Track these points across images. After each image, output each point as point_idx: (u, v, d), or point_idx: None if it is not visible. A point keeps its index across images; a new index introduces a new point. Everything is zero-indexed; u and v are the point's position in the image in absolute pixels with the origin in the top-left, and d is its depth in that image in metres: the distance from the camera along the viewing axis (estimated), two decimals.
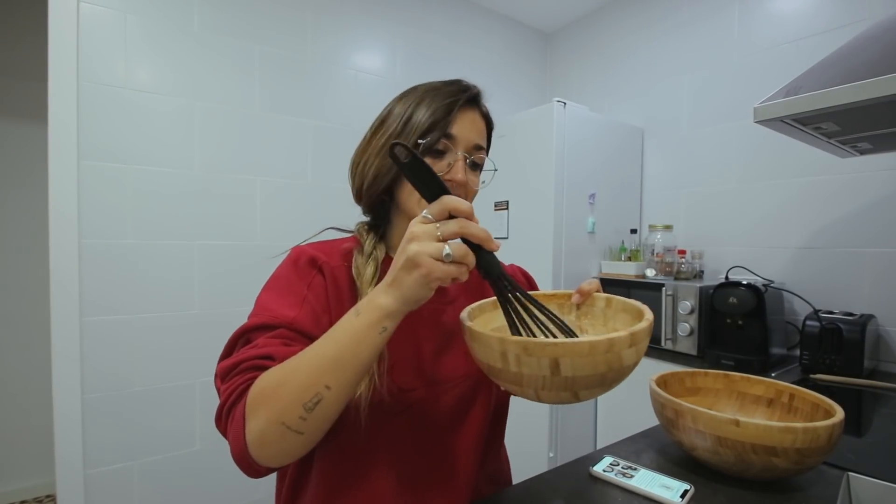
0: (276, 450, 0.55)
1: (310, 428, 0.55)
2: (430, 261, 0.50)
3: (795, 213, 1.93)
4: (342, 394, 0.55)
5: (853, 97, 1.02)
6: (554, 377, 0.52)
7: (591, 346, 0.51)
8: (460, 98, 0.76)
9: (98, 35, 1.71)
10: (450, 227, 0.52)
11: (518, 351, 0.52)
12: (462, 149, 0.75)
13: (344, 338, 0.54)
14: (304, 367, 0.54)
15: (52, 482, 1.76)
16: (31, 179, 2.47)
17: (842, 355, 1.54)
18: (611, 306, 0.72)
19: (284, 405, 0.53)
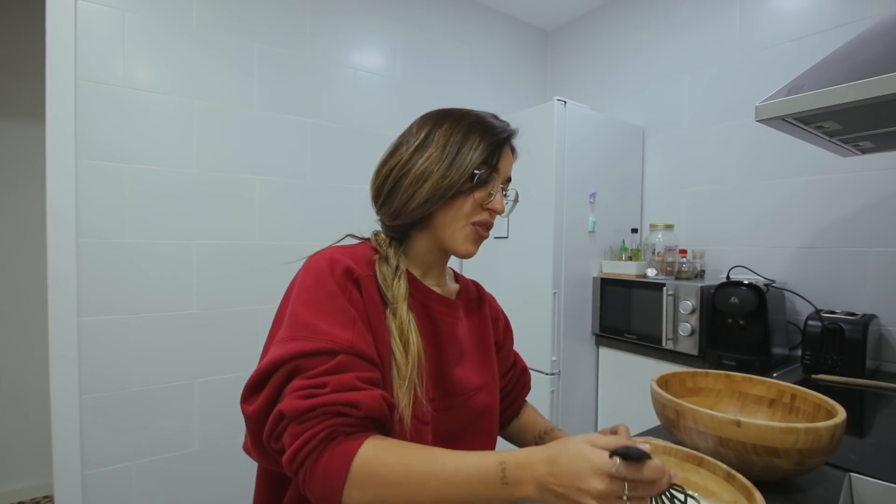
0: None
1: None
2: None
3: (797, 212, 1.92)
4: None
5: (855, 96, 1.01)
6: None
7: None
8: (507, 138, 0.83)
9: (96, 33, 1.70)
10: (640, 492, 0.50)
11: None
12: (501, 182, 0.83)
13: (480, 491, 0.55)
14: (429, 490, 0.55)
15: (49, 483, 1.75)
16: (28, 179, 2.46)
17: (844, 355, 1.54)
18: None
19: (388, 498, 0.56)
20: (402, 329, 0.71)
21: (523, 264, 2.23)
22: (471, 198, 0.79)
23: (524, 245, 2.27)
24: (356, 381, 0.61)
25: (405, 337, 0.70)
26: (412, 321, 0.73)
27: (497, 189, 0.81)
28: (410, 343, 0.70)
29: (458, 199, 0.78)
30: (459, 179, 0.77)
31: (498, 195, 0.81)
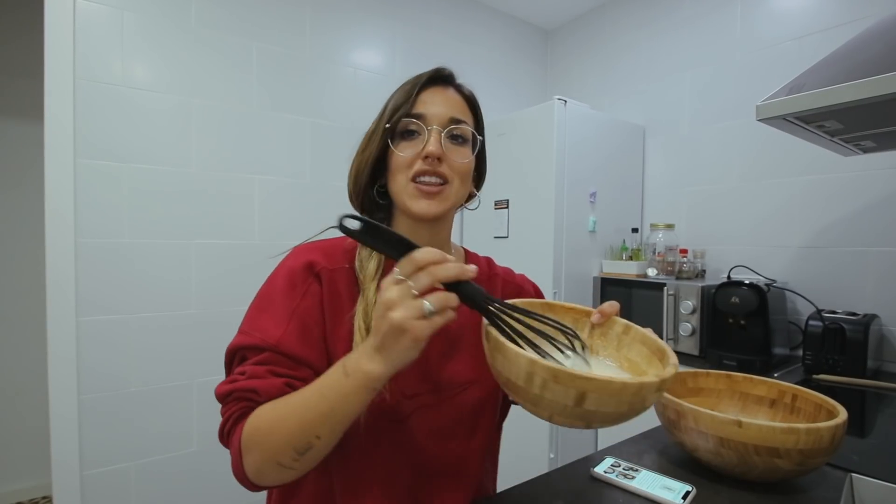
0: (272, 479, 0.62)
1: (303, 465, 0.60)
2: (415, 323, 0.50)
3: (798, 211, 1.92)
4: (332, 440, 0.59)
5: (856, 95, 1.02)
6: (576, 408, 0.51)
7: (623, 387, 0.50)
8: (422, 78, 0.77)
9: (94, 32, 1.70)
10: (422, 280, 0.51)
11: (547, 377, 0.51)
12: (436, 124, 0.74)
13: (333, 395, 0.56)
14: (294, 417, 0.58)
15: (48, 483, 1.75)
16: (27, 178, 2.46)
17: (845, 355, 1.54)
18: (628, 334, 0.70)
19: (277, 449, 0.58)
20: (367, 312, 0.68)
21: (523, 264, 2.21)
22: (399, 152, 0.75)
23: (524, 245, 2.27)
24: (265, 372, 0.64)
25: (368, 320, 0.67)
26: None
27: (430, 132, 0.73)
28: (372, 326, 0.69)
29: (392, 159, 0.75)
30: (379, 138, 0.75)
31: (430, 137, 0.73)
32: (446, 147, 0.74)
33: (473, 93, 0.84)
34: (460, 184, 0.77)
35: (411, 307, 0.50)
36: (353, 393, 0.55)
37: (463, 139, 0.77)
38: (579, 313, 0.73)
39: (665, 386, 0.54)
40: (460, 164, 0.75)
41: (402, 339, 0.51)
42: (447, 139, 0.75)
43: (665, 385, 0.54)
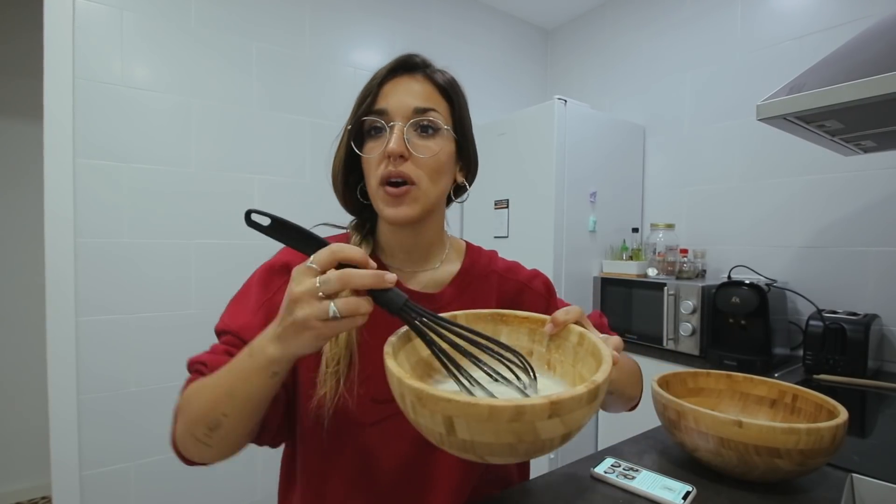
0: (193, 453, 0.62)
1: (216, 444, 0.60)
2: (318, 324, 0.49)
3: (799, 211, 1.92)
4: (240, 422, 0.58)
5: (857, 95, 1.01)
6: (451, 437, 0.44)
7: (492, 412, 0.41)
8: (383, 70, 0.73)
9: (94, 31, 1.70)
10: (332, 285, 0.49)
11: (413, 399, 0.45)
12: (399, 118, 0.69)
13: (236, 374, 0.56)
14: (207, 391, 0.59)
15: (47, 484, 1.75)
16: (26, 178, 2.46)
17: (845, 355, 1.54)
18: (582, 345, 0.59)
19: (192, 420, 0.59)
20: None
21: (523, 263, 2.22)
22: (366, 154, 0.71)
23: (524, 244, 2.27)
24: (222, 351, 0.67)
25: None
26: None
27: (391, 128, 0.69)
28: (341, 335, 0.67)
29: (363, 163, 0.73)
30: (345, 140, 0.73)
31: (392, 134, 0.68)
32: (413, 142, 0.69)
33: (454, 79, 0.77)
34: (430, 181, 0.71)
35: (316, 308, 0.48)
36: (253, 373, 0.55)
37: (433, 129, 0.71)
38: (535, 323, 0.65)
39: (563, 410, 0.43)
40: (427, 160, 0.70)
41: (303, 335, 0.50)
42: (413, 132, 0.70)
43: (563, 409, 0.43)
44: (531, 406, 0.41)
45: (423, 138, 0.70)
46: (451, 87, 0.76)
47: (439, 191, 0.74)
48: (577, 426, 0.46)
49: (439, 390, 0.43)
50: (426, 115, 0.70)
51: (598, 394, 0.46)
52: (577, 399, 0.43)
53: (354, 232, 0.79)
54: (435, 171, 0.71)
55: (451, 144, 0.74)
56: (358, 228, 0.80)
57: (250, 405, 0.57)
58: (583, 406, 0.44)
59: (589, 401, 0.45)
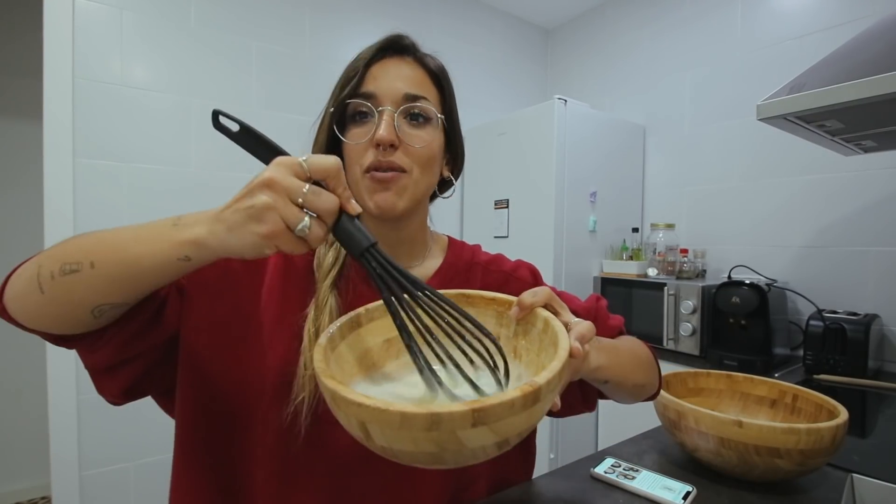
0: (18, 288, 0.50)
1: (51, 293, 0.47)
2: (281, 228, 0.42)
3: (799, 211, 1.92)
4: (100, 284, 0.46)
5: (857, 94, 1.02)
6: (370, 441, 0.39)
7: (404, 419, 0.36)
8: (371, 49, 0.67)
9: (94, 31, 1.70)
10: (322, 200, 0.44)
11: (329, 398, 0.40)
12: (389, 103, 0.64)
13: (144, 234, 0.46)
14: (95, 235, 0.49)
15: (47, 484, 1.75)
16: (26, 177, 2.46)
17: (846, 355, 1.54)
18: (546, 333, 0.52)
19: (52, 254, 0.48)
20: (317, 315, 0.61)
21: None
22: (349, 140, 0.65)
23: (524, 244, 2.27)
24: None
25: (318, 322, 0.60)
26: (329, 305, 0.61)
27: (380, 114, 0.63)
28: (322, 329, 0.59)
29: (345, 149, 0.67)
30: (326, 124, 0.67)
31: (381, 120, 0.63)
32: (402, 131, 0.64)
33: (443, 65, 0.72)
34: (421, 172, 0.66)
35: (289, 210, 0.42)
36: (165, 243, 0.45)
37: (424, 118, 0.66)
38: (503, 305, 0.58)
39: (490, 418, 0.36)
40: (419, 150, 0.65)
41: (253, 227, 0.42)
42: (403, 120, 0.65)
43: (489, 416, 0.36)
44: (448, 414, 0.35)
45: (414, 127, 0.66)
46: (442, 73, 0.71)
47: (428, 183, 0.69)
48: (515, 433, 0.40)
49: (352, 392, 0.38)
50: (418, 102, 0.65)
51: (540, 398, 0.39)
52: (508, 405, 0.37)
53: None
54: (426, 161, 0.67)
55: (440, 135, 0.69)
56: None
57: (127, 272, 0.46)
58: (517, 412, 0.38)
59: (525, 406, 0.38)
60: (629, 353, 0.72)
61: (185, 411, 0.64)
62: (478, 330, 0.48)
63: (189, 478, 0.64)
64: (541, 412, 0.42)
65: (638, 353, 0.76)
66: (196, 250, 0.45)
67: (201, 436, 0.63)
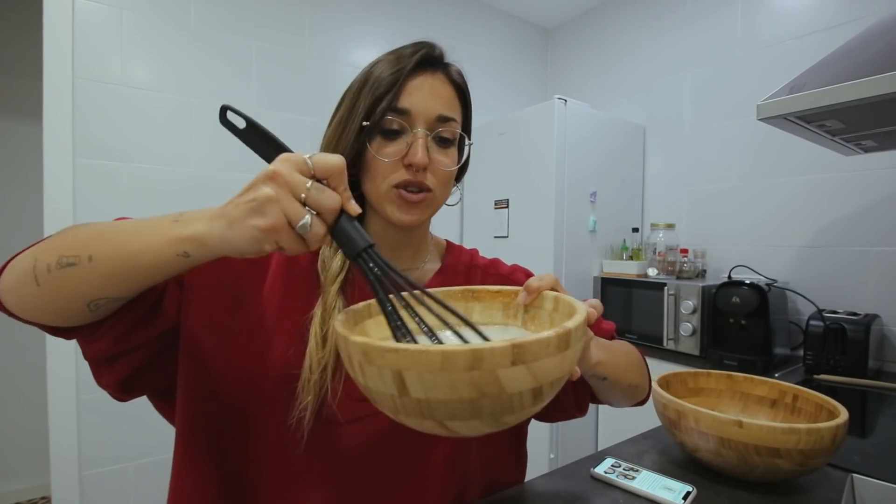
0: (13, 280, 0.49)
1: (47, 286, 0.47)
2: (283, 221, 0.42)
3: (799, 211, 1.93)
4: (97, 278, 0.46)
5: (857, 94, 1.02)
6: (403, 398, 0.38)
7: (445, 358, 0.36)
8: (408, 63, 0.65)
9: (94, 31, 1.71)
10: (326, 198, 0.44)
11: (360, 357, 0.40)
12: (422, 124, 0.64)
13: (144, 228, 0.46)
14: (94, 227, 0.49)
15: (47, 484, 1.76)
16: (26, 177, 2.47)
17: (846, 355, 1.54)
18: (558, 309, 0.54)
19: (50, 246, 0.48)
20: (325, 319, 0.60)
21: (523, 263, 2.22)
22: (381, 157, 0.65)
23: (524, 244, 2.28)
24: None
25: (326, 326, 0.60)
26: (337, 308, 0.61)
27: (415, 136, 0.64)
28: (330, 334, 0.60)
29: (370, 160, 0.66)
30: (354, 135, 0.65)
31: (415, 144, 0.63)
32: (433, 154, 0.66)
33: (463, 74, 0.73)
34: (443, 190, 0.69)
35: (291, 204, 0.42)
36: (164, 238, 0.44)
37: (451, 141, 0.68)
38: (509, 296, 0.60)
39: (527, 356, 0.37)
40: (445, 172, 0.68)
41: (252, 223, 0.42)
42: (433, 142, 0.66)
43: (526, 354, 0.37)
44: (490, 350, 0.36)
45: (442, 149, 0.67)
46: (466, 89, 0.73)
47: (445, 198, 0.72)
48: (549, 380, 0.40)
49: (388, 342, 0.38)
50: (448, 124, 0.67)
51: (570, 342, 0.41)
52: (544, 343, 0.38)
53: None
54: (448, 180, 0.69)
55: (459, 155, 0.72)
56: None
57: (126, 268, 0.46)
58: (552, 353, 0.39)
59: (559, 347, 0.39)
60: (624, 354, 0.74)
61: (185, 408, 0.63)
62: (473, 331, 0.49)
63: (189, 480, 0.63)
64: (571, 361, 0.42)
65: (631, 355, 0.77)
66: (195, 247, 0.44)
67: (201, 436, 0.63)
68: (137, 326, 0.56)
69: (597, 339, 0.64)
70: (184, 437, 0.64)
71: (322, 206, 0.43)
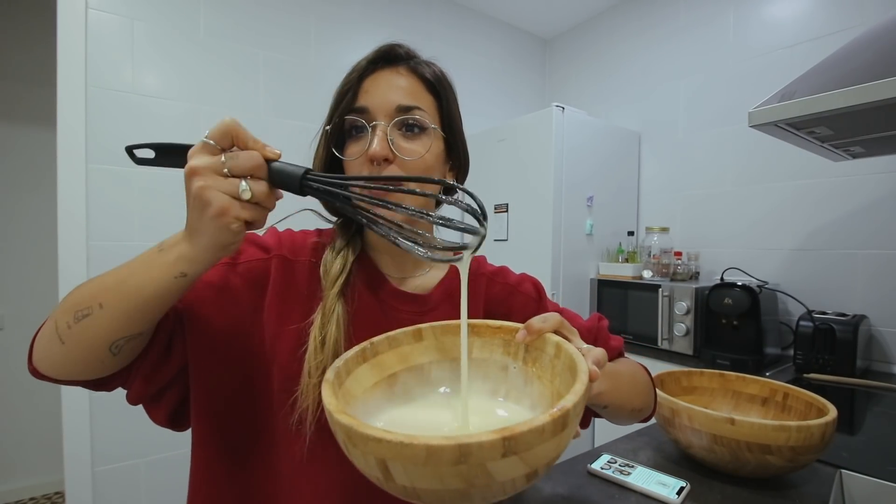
0: (41, 347, 0.52)
1: (70, 341, 0.49)
2: (230, 202, 0.43)
3: (789, 215, 1.95)
4: (115, 319, 0.48)
5: (846, 102, 1.02)
6: (389, 482, 0.36)
7: (430, 453, 0.33)
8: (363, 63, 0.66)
9: (106, 41, 1.72)
10: (239, 160, 0.44)
11: (343, 437, 0.37)
12: (383, 117, 0.63)
13: (137, 264, 0.49)
14: (95, 281, 0.50)
15: (60, 479, 1.77)
16: (40, 182, 2.49)
17: (835, 355, 1.56)
18: (559, 358, 0.50)
19: (65, 306, 0.50)
20: (324, 322, 0.60)
21: (522, 266, 2.21)
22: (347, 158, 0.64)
23: (523, 247, 2.29)
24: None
25: (325, 331, 0.59)
26: (337, 313, 0.61)
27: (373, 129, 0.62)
28: (328, 338, 0.59)
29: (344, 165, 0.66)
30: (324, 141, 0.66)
31: (374, 135, 0.62)
32: (397, 144, 0.63)
33: (442, 72, 0.70)
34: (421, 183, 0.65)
35: (222, 183, 0.43)
36: (157, 267, 0.47)
37: (419, 128, 0.65)
38: (510, 333, 0.56)
39: (521, 446, 0.34)
40: (414, 163, 0.63)
41: (213, 221, 0.43)
42: (398, 133, 0.64)
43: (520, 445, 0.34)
44: (478, 444, 0.33)
45: (409, 139, 0.64)
46: (438, 81, 0.69)
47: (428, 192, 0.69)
48: (544, 462, 0.37)
49: (371, 427, 0.35)
50: (411, 113, 0.64)
51: (568, 422, 0.37)
52: (538, 431, 0.34)
53: (340, 231, 0.71)
54: (424, 172, 0.65)
55: (438, 144, 0.68)
56: (344, 227, 0.72)
57: (135, 305, 0.48)
58: (546, 439, 0.36)
59: (555, 432, 0.36)
60: (629, 378, 0.72)
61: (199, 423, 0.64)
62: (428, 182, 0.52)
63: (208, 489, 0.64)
64: (567, 439, 0.39)
65: (637, 378, 0.74)
66: (186, 265, 0.47)
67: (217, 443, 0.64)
68: (159, 366, 0.59)
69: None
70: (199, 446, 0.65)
71: (245, 167, 0.45)
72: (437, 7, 2.63)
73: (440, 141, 0.68)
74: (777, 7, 1.99)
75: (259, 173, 0.46)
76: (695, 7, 2.30)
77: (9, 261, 2.49)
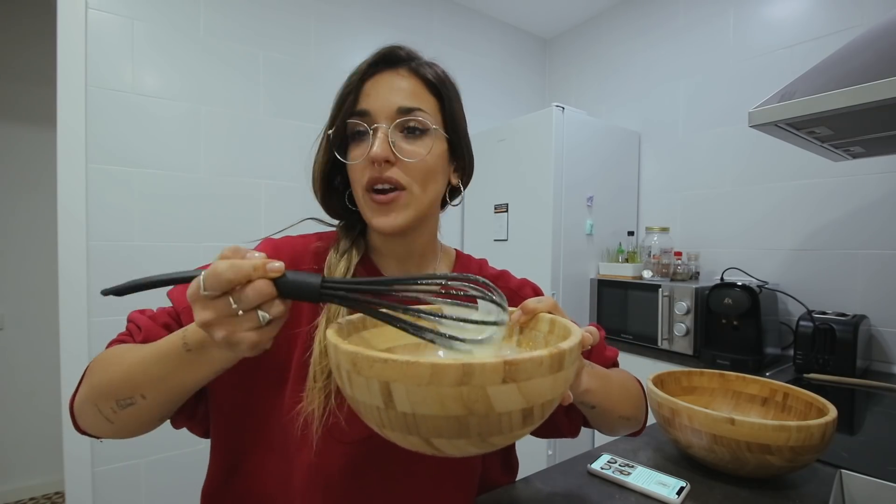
0: (89, 423, 0.56)
1: (120, 422, 0.54)
2: (252, 335, 0.43)
3: (789, 215, 1.95)
4: (159, 407, 0.53)
5: (846, 102, 1.02)
6: (390, 411, 0.37)
7: (434, 371, 0.34)
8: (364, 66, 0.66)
9: (106, 41, 1.72)
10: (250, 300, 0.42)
11: (348, 367, 0.39)
12: (384, 120, 0.63)
13: (171, 364, 0.50)
14: (130, 366, 0.52)
15: (60, 479, 1.77)
16: (40, 183, 2.49)
17: (835, 355, 1.56)
18: (553, 331, 0.53)
19: (102, 392, 0.53)
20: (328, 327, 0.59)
21: (522, 266, 2.25)
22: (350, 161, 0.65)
23: (523, 247, 2.29)
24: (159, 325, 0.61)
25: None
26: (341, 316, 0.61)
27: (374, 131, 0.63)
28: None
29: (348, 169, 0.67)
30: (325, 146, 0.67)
31: (375, 137, 0.62)
32: (399, 146, 0.63)
33: (444, 72, 0.70)
34: (422, 187, 0.65)
35: (243, 322, 0.43)
36: (196, 369, 0.49)
37: (421, 130, 0.65)
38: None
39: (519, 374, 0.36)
40: (416, 165, 0.64)
41: (238, 350, 0.44)
42: (399, 134, 0.64)
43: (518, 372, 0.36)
44: (481, 366, 0.34)
45: (410, 140, 0.64)
46: (440, 81, 0.69)
47: (431, 196, 0.68)
48: (540, 401, 0.39)
49: (375, 351, 0.37)
50: (412, 115, 0.64)
51: (564, 363, 0.39)
52: (537, 362, 0.37)
53: (343, 234, 0.72)
54: (425, 175, 0.65)
55: (441, 145, 0.68)
56: (347, 230, 0.73)
57: (181, 391, 0.52)
58: (544, 374, 0.38)
59: (552, 368, 0.38)
60: (620, 385, 0.72)
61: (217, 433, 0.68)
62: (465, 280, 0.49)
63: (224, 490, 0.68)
64: (563, 382, 0.41)
65: (628, 387, 0.75)
66: (226, 364, 0.50)
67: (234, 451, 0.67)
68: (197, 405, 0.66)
69: (591, 367, 0.63)
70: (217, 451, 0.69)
71: (253, 300, 0.42)
72: (438, 7, 2.63)
73: (443, 142, 0.68)
74: (777, 7, 1.99)
75: (270, 297, 0.44)
76: (695, 7, 2.29)
77: (9, 261, 2.49)
